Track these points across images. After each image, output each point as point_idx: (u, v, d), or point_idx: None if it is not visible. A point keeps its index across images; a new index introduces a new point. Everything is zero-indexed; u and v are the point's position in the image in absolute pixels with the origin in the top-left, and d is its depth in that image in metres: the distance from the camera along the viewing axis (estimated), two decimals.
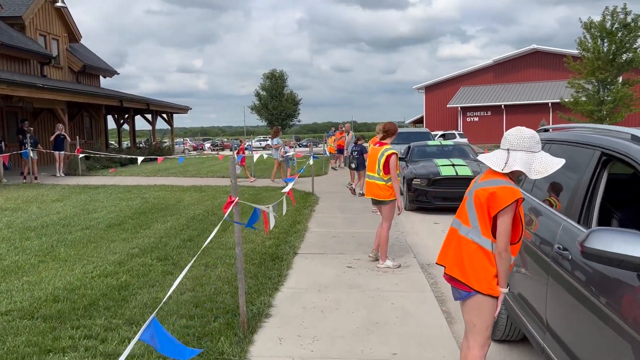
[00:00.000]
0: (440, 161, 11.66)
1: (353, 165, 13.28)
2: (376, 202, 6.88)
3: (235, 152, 16.98)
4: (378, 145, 6.89)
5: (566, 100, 26.03)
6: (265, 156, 16.77)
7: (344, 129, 21.60)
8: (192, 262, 3.76)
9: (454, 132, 41.85)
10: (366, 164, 7.30)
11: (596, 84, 24.78)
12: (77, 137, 19.07)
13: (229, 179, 17.52)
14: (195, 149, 57.77)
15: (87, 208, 10.83)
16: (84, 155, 18.82)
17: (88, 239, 7.94)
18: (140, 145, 27.22)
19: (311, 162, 13.01)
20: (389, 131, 6.94)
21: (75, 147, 18.06)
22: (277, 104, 32.36)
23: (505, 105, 47.41)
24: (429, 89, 53.67)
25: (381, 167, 6.65)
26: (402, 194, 9.85)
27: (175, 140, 36.06)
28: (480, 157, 3.17)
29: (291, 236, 8.20)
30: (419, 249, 7.82)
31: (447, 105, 49.91)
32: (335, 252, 7.43)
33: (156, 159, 17.01)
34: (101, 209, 10.66)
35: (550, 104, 45.80)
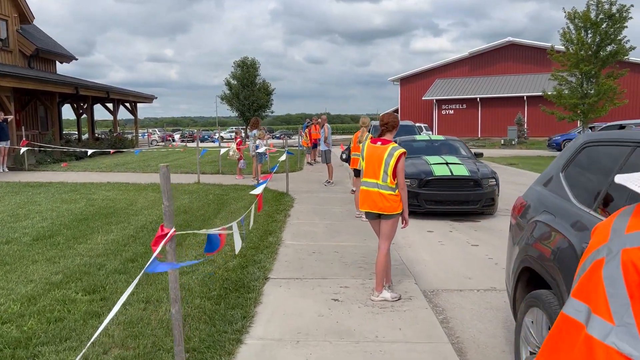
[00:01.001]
0: (431, 159, 10.21)
1: (344, 156, 11.97)
2: (376, 217, 5.28)
3: (235, 144, 15.12)
4: (381, 143, 5.31)
5: (549, 93, 24.95)
6: (231, 152, 15.11)
7: (319, 121, 20.03)
8: (124, 297, 2.22)
9: (420, 124, 38.26)
10: (361, 166, 5.66)
11: (580, 76, 23.73)
12: (23, 128, 17.05)
13: (196, 174, 16.02)
14: (163, 140, 55.53)
15: (17, 213, 9.03)
16: (37, 148, 16.85)
17: (2, 258, 6.21)
18: (101, 136, 25.16)
19: (284, 157, 11.45)
20: (389, 124, 5.36)
21: (21, 139, 16.07)
22: (248, 93, 30.47)
23: (480, 99, 46.53)
24: (404, 80, 52.42)
25: (389, 171, 5.13)
26: None
27: (141, 132, 33.90)
28: (619, 180, 1.63)
29: (261, 252, 6.63)
30: (417, 269, 6.33)
31: (422, 98, 48.80)
32: (316, 275, 5.88)
33: (118, 151, 15.13)
34: (34, 215, 8.88)
35: (525, 98, 45.11)
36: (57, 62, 25.25)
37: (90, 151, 13.11)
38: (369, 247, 7.01)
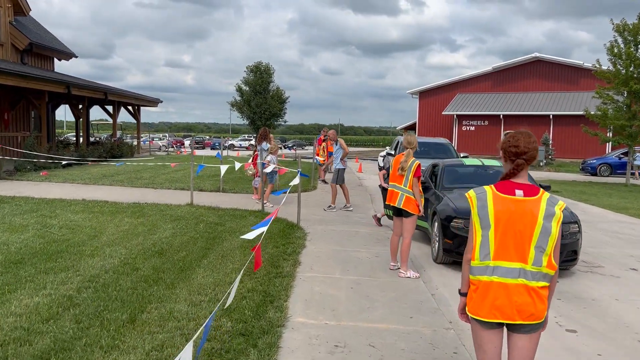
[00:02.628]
0: None
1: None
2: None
3: (250, 162, 12.74)
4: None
5: (592, 112, 22.32)
6: (250, 171, 12.67)
7: (328, 135, 17.55)
8: None
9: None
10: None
11: (628, 95, 21.08)
12: (11, 128, 14.77)
13: (189, 191, 13.46)
14: (175, 145, 53.39)
15: None
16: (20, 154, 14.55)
17: None
18: (97, 140, 22.86)
19: (297, 180, 8.96)
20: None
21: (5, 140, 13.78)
22: (261, 100, 28.06)
23: (503, 115, 43.90)
24: (424, 94, 49.95)
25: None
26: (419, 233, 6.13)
27: (144, 137, 31.63)
28: None
29: (254, 345, 4.13)
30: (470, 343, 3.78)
31: (443, 113, 46.26)
32: None
33: (105, 160, 12.76)
34: None
35: (551, 116, 42.47)
36: (55, 59, 23.09)
37: (64, 162, 10.66)
38: (422, 338, 4.49)
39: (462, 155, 14.35)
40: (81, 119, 23.32)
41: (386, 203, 7.04)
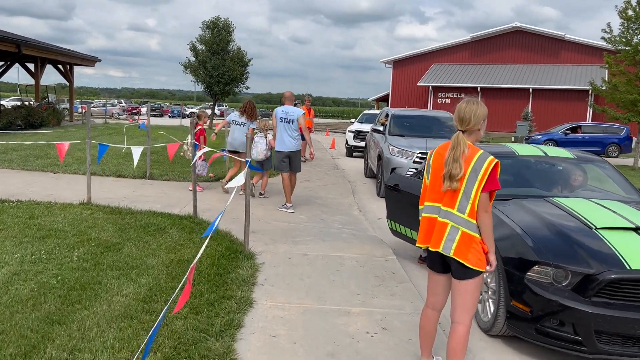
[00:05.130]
0: (591, 212, 4.20)
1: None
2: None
3: (191, 136, 8.88)
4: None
5: (599, 86, 19.14)
6: (185, 146, 8.95)
7: (308, 104, 13.87)
8: None
9: (375, 111, 21.48)
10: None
11: None
12: None
13: (102, 176, 5.51)
14: (130, 112, 48.48)
15: None
16: None
17: None
18: (25, 104, 18.38)
19: (240, 180, 5.17)
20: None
21: None
22: (218, 62, 23.77)
23: (481, 88, 40.74)
24: (398, 63, 46.28)
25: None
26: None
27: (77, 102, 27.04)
28: None
29: None
30: None
31: (418, 84, 42.81)
32: None
33: (15, 131, 8.70)
34: None
35: (531, 90, 39.64)
36: None
37: None
38: None
39: None
40: (4, 78, 18.79)
41: (418, 244, 3.28)
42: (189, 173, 9.93)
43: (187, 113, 55.92)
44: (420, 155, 9.30)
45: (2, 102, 30.28)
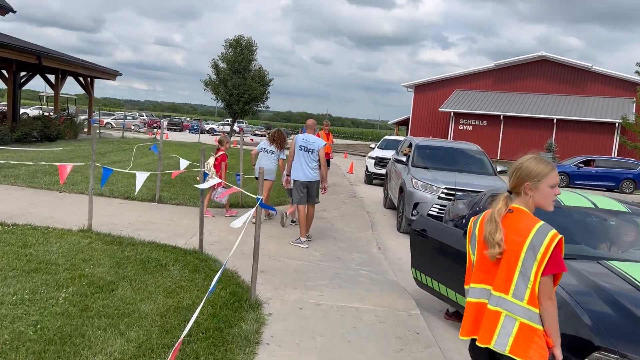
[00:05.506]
0: None
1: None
2: None
3: (213, 158, 8.59)
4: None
5: (630, 121, 18.37)
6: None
7: (327, 128, 13.35)
8: None
9: (396, 137, 21.35)
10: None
11: None
12: None
13: (108, 198, 5.22)
14: (151, 125, 48.56)
15: None
16: None
17: None
18: (45, 114, 18.21)
19: (246, 216, 4.61)
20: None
21: None
22: (239, 81, 23.47)
23: (504, 116, 40.03)
24: (419, 88, 45.82)
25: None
26: None
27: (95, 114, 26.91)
28: None
29: None
30: None
31: (439, 109, 42.19)
32: None
33: (31, 142, 8.32)
34: None
35: (555, 120, 38.71)
36: None
37: None
38: None
39: (499, 168, 10.17)
40: (26, 87, 18.70)
41: (462, 336, 2.58)
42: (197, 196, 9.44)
43: (207, 129, 56.04)
44: (445, 190, 8.68)
45: (26, 111, 30.36)
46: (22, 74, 19.56)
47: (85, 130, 21.51)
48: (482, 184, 8.79)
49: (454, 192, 8.57)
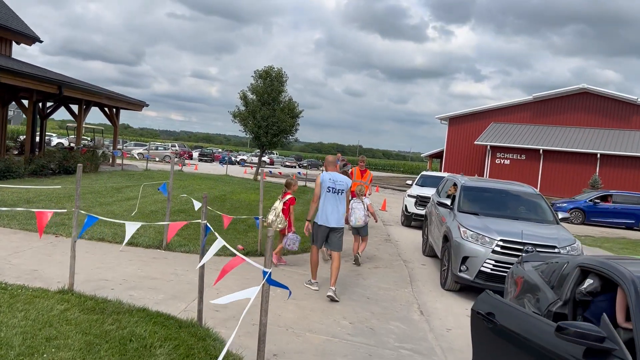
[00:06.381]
0: None
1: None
2: None
3: (281, 203, 7.87)
4: None
5: None
6: (272, 216, 7.46)
7: (363, 165, 11.97)
8: None
9: (435, 173, 19.06)
10: None
11: None
12: None
13: (108, 244, 5.32)
14: (181, 156, 48.30)
15: None
16: None
17: None
18: (71, 146, 17.55)
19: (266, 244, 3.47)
20: None
21: None
22: (268, 112, 22.53)
23: (543, 150, 38.06)
24: (454, 120, 44.36)
25: None
26: None
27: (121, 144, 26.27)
28: None
29: None
30: None
31: (475, 142, 40.50)
32: None
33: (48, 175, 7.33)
34: None
35: (599, 155, 36.54)
36: (14, 43, 18.06)
37: None
38: None
39: (560, 216, 8.61)
40: (50, 118, 18.16)
41: None
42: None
43: (238, 160, 55.51)
44: (501, 244, 7.22)
45: (61, 141, 30.13)
46: (49, 104, 19.06)
47: (110, 162, 20.81)
48: (546, 236, 7.32)
49: (512, 246, 7.12)
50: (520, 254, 7.17)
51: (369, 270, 8.49)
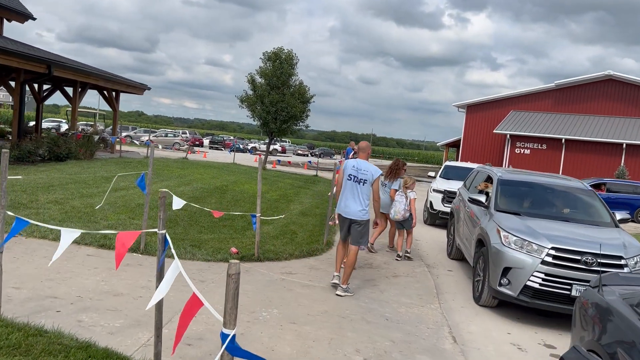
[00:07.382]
0: None
1: None
2: None
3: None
4: None
5: None
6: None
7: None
8: None
9: (460, 163, 16.59)
10: None
11: None
12: None
13: (89, 248, 5.38)
14: (193, 144, 47.08)
15: None
16: None
17: None
18: (66, 132, 16.26)
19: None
20: None
21: None
22: (277, 97, 21.02)
23: (566, 140, 36.20)
24: (472, 108, 42.51)
25: None
26: None
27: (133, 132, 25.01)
28: None
29: None
30: None
31: (494, 131, 38.72)
32: None
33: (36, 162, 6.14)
34: None
35: (625, 145, 34.64)
36: (5, 20, 16.77)
37: None
38: None
39: (618, 216, 7.09)
40: (47, 102, 16.88)
41: None
42: (209, 247, 6.83)
43: (249, 147, 54.14)
44: (553, 253, 5.76)
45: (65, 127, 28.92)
46: (45, 87, 17.82)
47: (109, 149, 19.58)
48: (608, 243, 5.85)
49: (567, 256, 5.67)
50: (576, 265, 5.72)
51: (387, 280, 7.08)
